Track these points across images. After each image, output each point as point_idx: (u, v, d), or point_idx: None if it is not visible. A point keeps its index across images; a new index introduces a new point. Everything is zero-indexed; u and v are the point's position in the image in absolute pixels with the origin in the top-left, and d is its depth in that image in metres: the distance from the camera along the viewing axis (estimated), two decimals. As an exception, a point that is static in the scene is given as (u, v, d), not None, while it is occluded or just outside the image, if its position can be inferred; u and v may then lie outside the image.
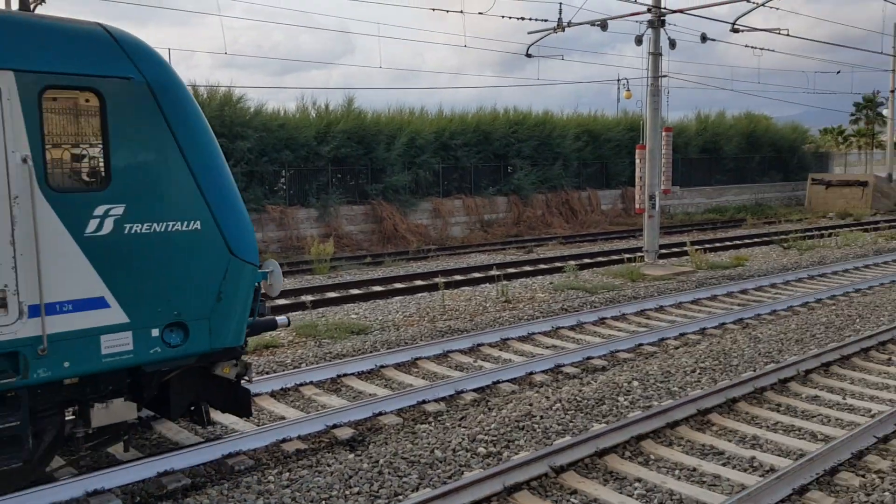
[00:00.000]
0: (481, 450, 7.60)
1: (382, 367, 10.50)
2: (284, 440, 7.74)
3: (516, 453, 7.52)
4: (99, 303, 6.08)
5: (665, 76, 20.71)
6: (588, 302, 15.19)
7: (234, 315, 6.84)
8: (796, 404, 9.18)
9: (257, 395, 9.20)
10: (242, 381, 7.36)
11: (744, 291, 16.36)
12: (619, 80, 41.63)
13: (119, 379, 6.46)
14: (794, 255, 22.39)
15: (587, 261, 21.78)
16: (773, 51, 25.19)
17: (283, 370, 10.41)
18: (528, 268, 20.64)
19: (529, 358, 11.03)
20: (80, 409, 6.56)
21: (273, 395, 9.44)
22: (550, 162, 34.26)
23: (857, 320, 13.58)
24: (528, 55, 24.13)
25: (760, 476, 6.99)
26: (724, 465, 7.39)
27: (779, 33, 20.02)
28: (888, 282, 17.14)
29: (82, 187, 6.53)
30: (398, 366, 10.63)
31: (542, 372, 10.22)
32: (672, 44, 20.68)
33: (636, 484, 6.91)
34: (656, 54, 20.42)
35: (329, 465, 7.24)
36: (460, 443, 7.74)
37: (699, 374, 10.36)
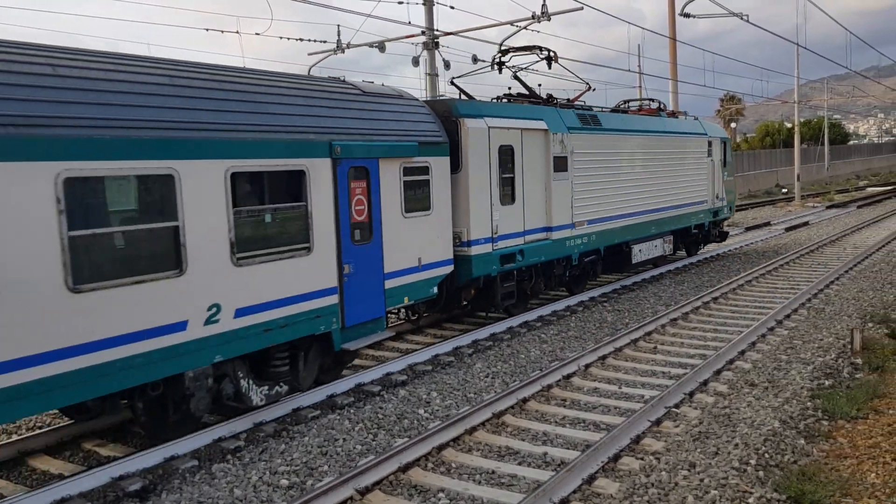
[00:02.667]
0: (284, 482, 7.38)
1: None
2: (63, 500, 7.01)
3: (320, 480, 7.38)
4: (722, 199, 22.87)
5: (443, 97, 21.64)
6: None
7: (733, 207, 24.62)
8: (580, 398, 9.87)
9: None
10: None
11: (528, 296, 17.32)
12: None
13: (714, 224, 23.03)
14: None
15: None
16: (536, 71, 27.06)
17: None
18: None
19: (329, 381, 10.90)
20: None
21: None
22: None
23: (626, 314, 14.91)
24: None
25: (553, 470, 7.41)
26: (520, 464, 7.76)
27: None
28: (649, 276, 19.00)
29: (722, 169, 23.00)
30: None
31: (344, 394, 10.14)
32: (447, 65, 21.58)
33: (440, 494, 7.05)
34: (433, 75, 21.18)
35: (117, 522, 6.66)
36: (261, 478, 7.46)
37: (492, 378, 10.81)
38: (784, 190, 56.85)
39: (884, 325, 13.15)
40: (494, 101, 14.90)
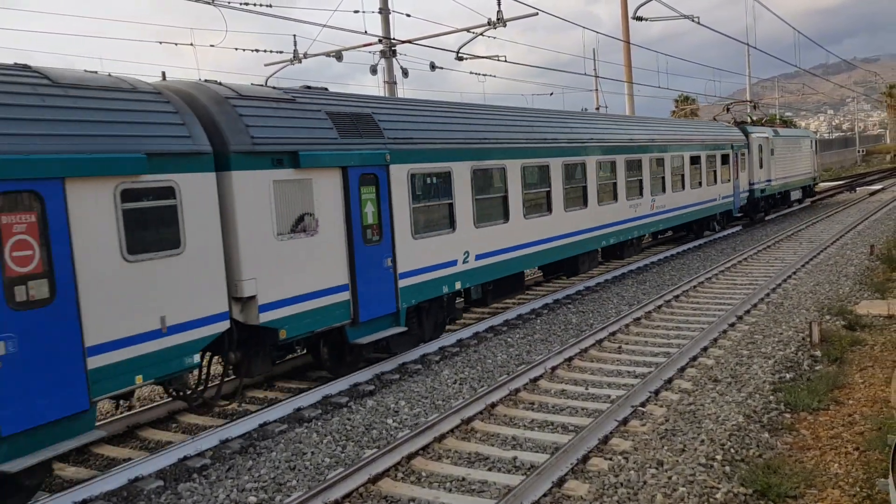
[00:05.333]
0: (252, 499, 7.27)
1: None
2: (23, 529, 6.82)
3: (289, 495, 7.29)
4: (816, 171, 42.15)
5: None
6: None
7: (819, 177, 46.57)
8: (547, 400, 9.91)
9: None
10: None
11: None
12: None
13: (813, 186, 41.75)
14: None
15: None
16: (494, 76, 27.26)
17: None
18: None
19: (296, 394, 10.79)
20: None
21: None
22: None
23: (590, 315, 15.03)
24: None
25: (523, 475, 7.42)
26: (490, 469, 7.75)
27: (498, 60, 21.69)
28: (611, 277, 19.17)
29: (814, 155, 43.12)
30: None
31: (311, 406, 10.04)
32: (405, 72, 21.57)
33: (411, 504, 7.01)
34: (391, 83, 21.17)
35: (80, 548, 6.49)
36: (228, 495, 7.34)
37: (460, 384, 10.80)
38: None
39: (840, 317, 13.44)
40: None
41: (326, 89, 11.50)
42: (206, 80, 9.87)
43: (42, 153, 6.97)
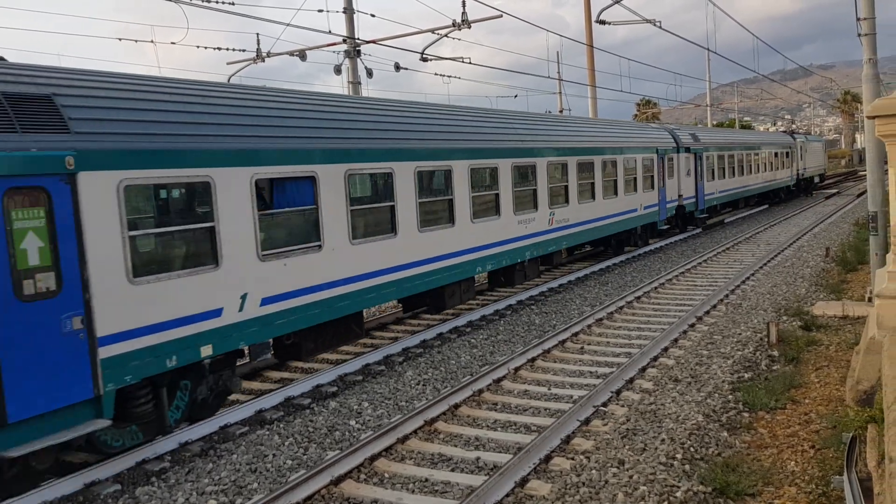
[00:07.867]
0: (212, 502, 7.16)
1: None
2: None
3: (250, 498, 7.20)
4: (825, 167, 62.21)
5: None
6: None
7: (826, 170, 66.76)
8: (510, 401, 9.93)
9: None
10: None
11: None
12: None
13: (825, 176, 64.16)
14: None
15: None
16: (459, 78, 27.28)
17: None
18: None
19: (258, 396, 10.68)
20: None
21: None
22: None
23: (553, 316, 15.12)
24: (229, 86, 23.53)
25: (486, 475, 7.43)
26: (453, 470, 7.75)
27: (462, 62, 21.73)
28: (574, 278, 19.32)
29: (824, 154, 64.29)
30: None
31: (273, 408, 9.93)
32: (369, 73, 21.49)
33: (374, 506, 6.96)
34: (355, 83, 21.08)
35: (33, 554, 6.34)
36: (188, 499, 7.23)
37: (423, 385, 10.78)
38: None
39: (797, 317, 13.72)
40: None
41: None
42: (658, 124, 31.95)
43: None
